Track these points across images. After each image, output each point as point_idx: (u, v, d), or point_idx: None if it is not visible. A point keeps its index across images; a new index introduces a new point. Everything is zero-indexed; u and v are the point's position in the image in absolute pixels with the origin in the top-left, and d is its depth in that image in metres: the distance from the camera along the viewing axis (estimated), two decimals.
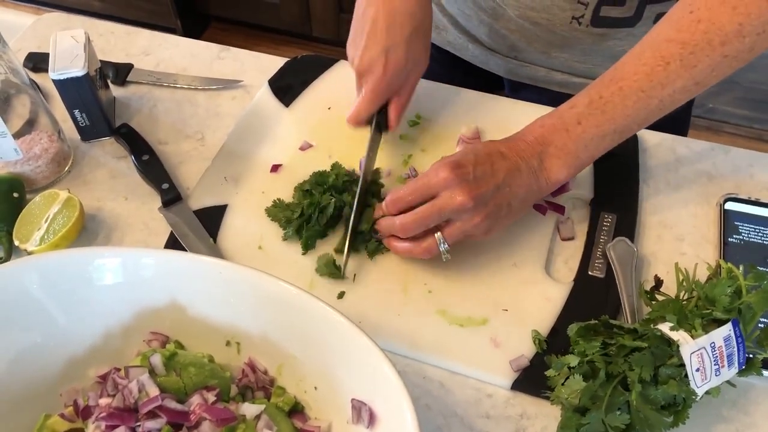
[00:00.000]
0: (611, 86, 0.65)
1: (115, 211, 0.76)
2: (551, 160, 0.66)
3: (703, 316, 0.58)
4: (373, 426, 0.53)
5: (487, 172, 0.64)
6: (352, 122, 0.75)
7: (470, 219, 0.64)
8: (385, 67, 0.71)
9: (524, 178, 0.65)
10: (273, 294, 0.57)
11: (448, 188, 0.63)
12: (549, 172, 0.66)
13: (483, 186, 0.63)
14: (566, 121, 0.66)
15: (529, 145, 0.67)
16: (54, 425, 0.55)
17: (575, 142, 0.66)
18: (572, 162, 0.66)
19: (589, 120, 0.65)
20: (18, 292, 0.55)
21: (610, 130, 0.65)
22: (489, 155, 0.65)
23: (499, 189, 0.64)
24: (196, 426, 0.53)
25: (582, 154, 0.66)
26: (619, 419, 0.54)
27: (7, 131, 0.72)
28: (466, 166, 0.64)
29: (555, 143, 0.66)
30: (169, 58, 0.92)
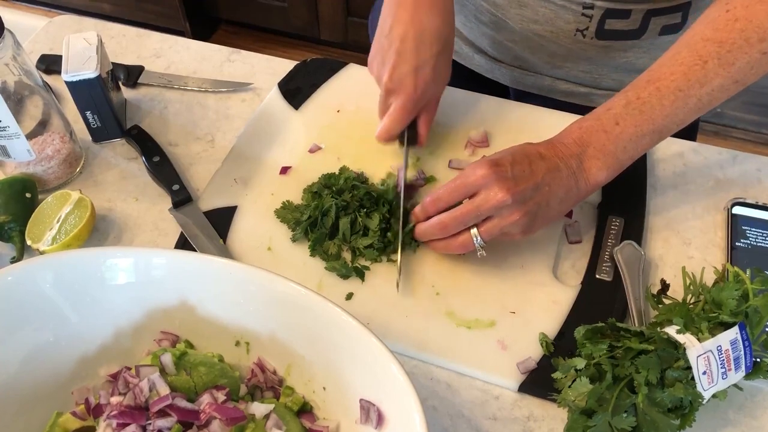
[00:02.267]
0: (648, 87, 0.65)
1: (126, 212, 0.77)
2: (591, 162, 0.66)
3: (709, 320, 0.58)
4: (382, 426, 0.53)
5: (525, 171, 0.64)
6: (383, 139, 0.76)
7: (509, 216, 0.64)
8: (415, 85, 0.72)
9: (564, 178, 0.66)
10: (282, 294, 0.58)
11: (487, 186, 0.64)
12: (588, 173, 0.66)
13: (522, 183, 0.64)
14: (604, 122, 0.66)
15: (567, 147, 0.67)
16: (65, 423, 0.56)
17: (614, 142, 0.66)
18: (611, 163, 0.66)
19: (627, 120, 0.65)
20: (31, 291, 0.56)
21: (649, 130, 0.65)
22: (527, 155, 0.66)
23: (539, 188, 0.64)
24: (206, 425, 0.54)
25: (621, 155, 0.66)
26: (626, 422, 0.54)
27: (21, 132, 0.73)
28: (504, 164, 0.64)
29: (594, 144, 0.66)
30: (179, 60, 0.93)
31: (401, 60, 0.72)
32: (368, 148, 0.79)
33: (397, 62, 0.72)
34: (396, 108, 0.74)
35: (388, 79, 0.73)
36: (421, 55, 0.72)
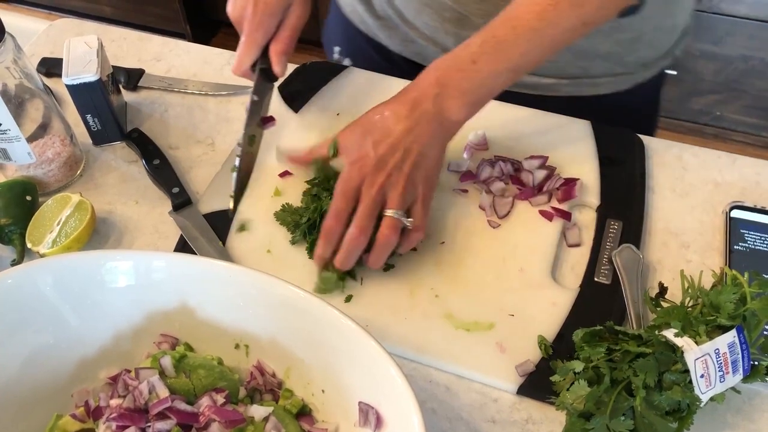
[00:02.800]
0: (505, 26, 0.68)
1: (126, 215, 0.77)
2: (450, 101, 0.67)
3: (707, 323, 0.58)
4: (380, 429, 0.53)
5: (388, 145, 0.66)
6: (237, 72, 0.76)
7: (396, 187, 0.66)
8: (254, 9, 0.72)
9: (425, 128, 0.67)
10: (282, 297, 0.58)
11: (364, 182, 0.66)
12: (449, 112, 0.68)
13: (390, 160, 0.66)
14: (461, 61, 0.68)
15: (423, 92, 0.68)
16: (65, 425, 0.56)
17: (470, 80, 0.68)
18: (469, 100, 0.68)
19: (484, 59, 0.67)
20: (32, 293, 0.56)
21: (504, 68, 0.68)
22: (384, 128, 0.67)
23: (407, 151, 0.66)
24: (206, 427, 0.54)
25: (478, 92, 0.68)
26: (624, 425, 0.55)
27: (21, 135, 0.73)
28: (365, 155, 0.67)
29: (451, 84, 0.67)
30: (180, 64, 0.93)
31: None
32: None
33: None
34: (242, 39, 0.74)
35: (231, 9, 0.74)
36: None
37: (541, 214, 0.74)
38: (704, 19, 1.87)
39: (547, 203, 0.75)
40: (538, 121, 0.83)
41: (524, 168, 0.77)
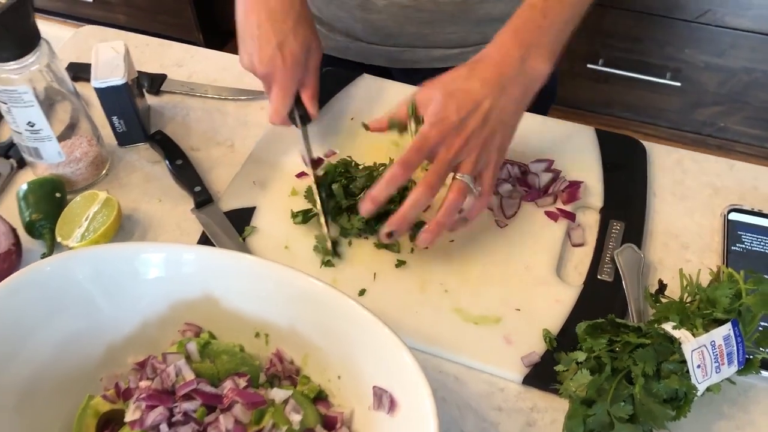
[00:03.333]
0: None
1: (150, 212, 0.81)
2: (535, 60, 0.70)
3: (704, 317, 0.61)
4: (394, 412, 0.56)
5: (469, 109, 0.68)
6: (275, 121, 0.79)
7: (471, 153, 0.68)
8: (284, 60, 0.76)
9: (509, 92, 0.69)
10: (300, 289, 0.61)
11: (443, 143, 0.68)
12: (536, 70, 0.70)
13: (470, 124, 0.68)
14: (534, 18, 0.71)
15: (507, 55, 0.70)
16: (97, 405, 0.59)
17: (547, 34, 0.71)
18: (550, 54, 0.71)
19: (552, 11, 0.71)
20: (69, 281, 0.60)
21: (569, 15, 0.72)
22: (467, 91, 0.69)
23: (488, 116, 0.68)
24: (229, 408, 0.57)
25: (555, 42, 0.72)
26: (623, 410, 0.58)
27: (53, 135, 0.77)
28: (448, 116, 0.68)
29: (534, 43, 0.70)
30: (200, 69, 0.97)
31: (263, 43, 0.76)
32: (379, 153, 0.83)
33: (261, 45, 0.76)
34: (275, 90, 0.77)
35: (260, 64, 0.77)
36: (280, 31, 0.76)
37: (547, 215, 0.78)
38: (708, 31, 1.91)
39: (553, 204, 0.78)
40: (545, 127, 0.87)
41: (531, 171, 0.80)
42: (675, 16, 1.90)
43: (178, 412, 0.56)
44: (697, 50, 1.96)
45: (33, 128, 0.75)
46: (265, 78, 0.78)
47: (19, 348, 0.58)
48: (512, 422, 0.64)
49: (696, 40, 1.94)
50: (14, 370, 0.57)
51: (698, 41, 1.94)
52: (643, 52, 1.99)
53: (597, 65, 2.01)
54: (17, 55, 0.70)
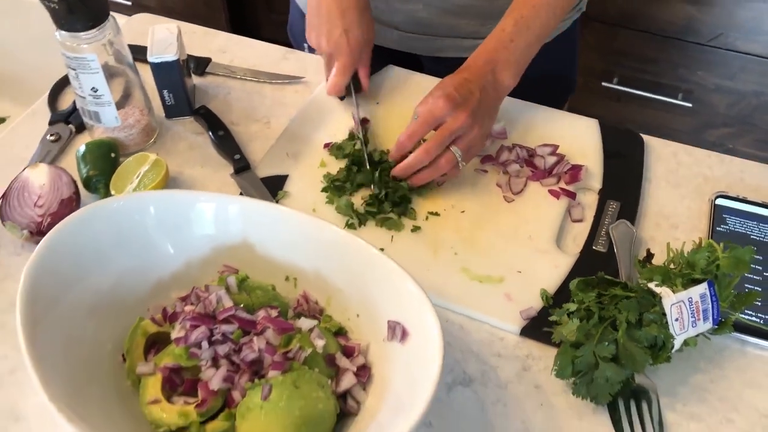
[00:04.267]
0: (526, 6, 0.86)
1: (193, 176, 0.90)
2: (501, 74, 0.85)
3: (683, 276, 0.69)
4: (405, 340, 0.64)
5: (467, 92, 0.82)
6: (333, 92, 0.95)
7: (471, 130, 0.82)
8: (349, 44, 0.91)
9: (488, 92, 0.84)
10: (326, 237, 0.70)
11: (450, 113, 0.81)
12: (501, 82, 0.86)
13: (470, 104, 0.82)
14: (503, 42, 0.86)
15: (481, 68, 0.85)
16: (146, 326, 0.68)
17: (514, 54, 0.86)
18: (515, 70, 0.86)
19: (519, 36, 0.86)
20: (133, 218, 0.69)
21: (534, 40, 0.87)
22: (461, 82, 0.83)
23: (480, 104, 0.82)
24: (261, 332, 0.65)
25: (520, 62, 0.87)
26: (607, 350, 0.65)
27: (112, 101, 0.86)
28: (452, 93, 0.81)
29: (500, 60, 0.85)
30: (242, 56, 1.07)
31: (332, 27, 0.91)
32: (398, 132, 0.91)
33: (329, 30, 0.91)
34: (339, 66, 0.93)
35: (326, 45, 0.92)
36: (347, 20, 0.91)
37: (550, 193, 0.86)
38: (720, 54, 1.99)
39: (556, 184, 0.87)
40: (552, 118, 0.95)
41: (537, 153, 0.89)
42: (688, 39, 1.97)
43: (217, 333, 0.65)
44: (708, 72, 2.03)
45: (96, 93, 0.85)
46: (330, 56, 0.93)
47: (90, 270, 0.67)
48: (509, 366, 0.72)
49: (708, 62, 2.01)
50: (86, 285, 0.66)
51: (710, 64, 2.02)
52: (657, 73, 2.06)
53: (611, 83, 2.09)
54: (89, 27, 0.80)
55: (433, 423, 0.68)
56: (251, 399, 0.61)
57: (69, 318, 0.65)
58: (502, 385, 0.71)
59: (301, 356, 0.64)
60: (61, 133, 0.94)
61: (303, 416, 0.60)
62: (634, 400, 0.68)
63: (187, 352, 0.64)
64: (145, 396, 0.63)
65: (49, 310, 0.63)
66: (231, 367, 0.64)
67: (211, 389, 0.62)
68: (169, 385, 0.64)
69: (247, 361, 0.64)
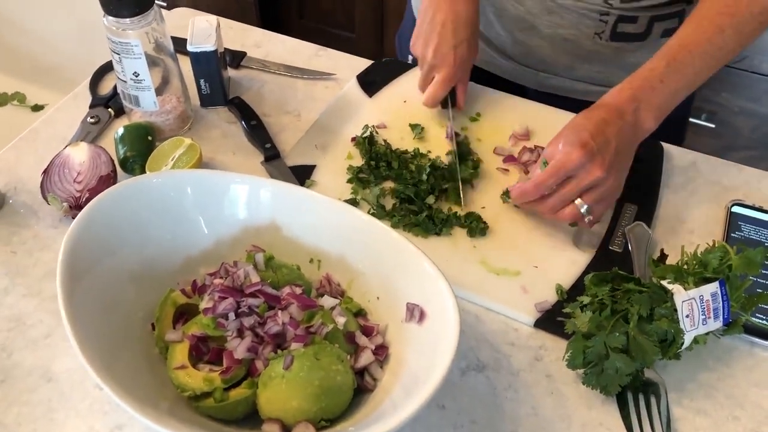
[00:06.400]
0: (682, 51, 0.81)
1: (225, 162, 0.93)
2: (644, 114, 0.80)
3: (695, 275, 0.71)
4: (422, 322, 0.67)
5: (603, 141, 0.77)
6: (430, 104, 0.95)
7: (605, 183, 0.78)
8: (454, 59, 0.92)
9: (627, 134, 0.79)
10: (351, 222, 0.73)
11: (583, 166, 0.76)
12: (643, 123, 0.81)
13: (607, 155, 0.77)
14: (651, 81, 0.81)
15: (623, 105, 0.80)
16: (176, 298, 0.71)
17: (659, 97, 0.81)
18: (658, 114, 0.81)
19: (670, 78, 0.80)
20: (170, 194, 0.72)
21: (684, 85, 0.82)
22: (598, 126, 0.78)
23: (617, 151, 0.78)
24: (286, 307, 0.68)
25: (665, 105, 0.81)
26: (618, 340, 0.67)
27: (152, 86, 0.90)
28: (588, 142, 0.76)
29: (645, 100, 0.80)
30: (276, 51, 1.10)
31: (443, 40, 0.91)
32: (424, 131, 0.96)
33: (439, 42, 0.91)
34: (440, 79, 0.93)
35: (432, 56, 0.92)
36: (458, 36, 0.91)
37: None
38: (745, 77, 2.00)
39: None
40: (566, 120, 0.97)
41: None
42: None
43: (244, 305, 0.68)
44: (733, 94, 2.04)
45: (137, 78, 0.89)
46: (432, 67, 0.93)
47: (126, 241, 0.70)
48: (522, 356, 0.74)
49: (733, 84, 2.03)
50: (122, 255, 0.70)
51: (735, 86, 2.03)
52: None
53: None
54: (134, 14, 0.84)
55: (446, 405, 0.71)
56: (273, 369, 0.64)
57: (104, 284, 0.68)
58: (514, 372, 0.73)
59: (323, 331, 0.67)
60: (100, 116, 0.98)
61: (322, 387, 0.63)
62: (642, 393, 0.70)
63: (215, 322, 0.67)
64: (173, 362, 0.67)
65: (86, 274, 0.66)
66: (255, 339, 0.67)
67: (235, 358, 0.65)
68: (195, 353, 0.67)
69: (271, 334, 0.66)
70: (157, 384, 0.66)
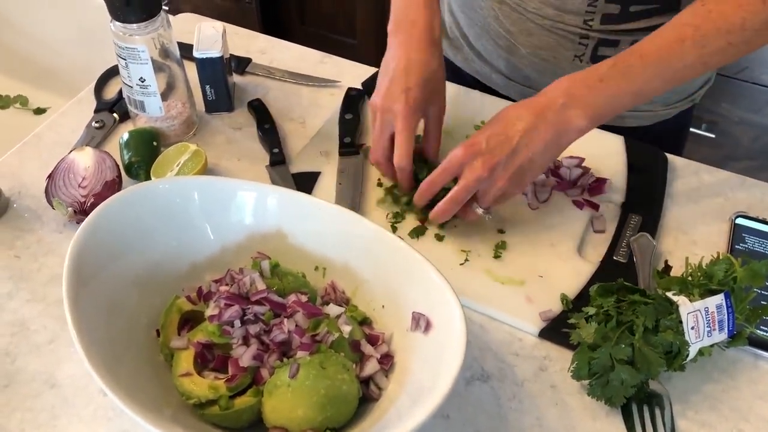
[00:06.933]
0: (633, 55, 0.76)
1: (229, 168, 0.93)
2: (573, 111, 0.75)
3: (700, 286, 0.71)
4: (428, 331, 0.67)
5: (500, 140, 0.75)
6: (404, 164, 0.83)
7: (493, 184, 0.77)
8: (407, 101, 0.82)
9: (542, 133, 0.75)
10: (357, 230, 0.73)
11: (467, 164, 0.76)
12: (570, 122, 0.75)
13: (497, 155, 0.75)
14: (590, 77, 0.76)
15: (550, 99, 0.76)
16: (181, 304, 0.71)
17: (596, 96, 0.75)
18: (592, 114, 0.76)
19: (611, 80, 0.75)
20: (176, 201, 0.72)
21: (629, 91, 0.76)
22: (504, 124, 0.76)
23: (516, 151, 0.75)
24: (291, 315, 0.68)
25: (601, 108, 0.76)
26: (623, 351, 0.67)
27: (158, 92, 0.90)
28: (478, 142, 0.75)
29: (577, 96, 0.75)
30: (281, 58, 1.10)
31: (393, 84, 0.83)
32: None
33: (390, 86, 0.83)
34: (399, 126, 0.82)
35: (383, 100, 0.83)
36: (410, 79, 0.82)
37: (574, 203, 0.88)
38: (746, 88, 2.01)
39: (580, 195, 0.89)
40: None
41: (563, 165, 0.91)
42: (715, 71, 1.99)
43: (249, 313, 0.68)
44: (734, 105, 2.05)
45: (143, 83, 0.89)
46: (383, 111, 0.84)
47: (132, 246, 0.70)
48: (527, 366, 0.74)
49: (733, 95, 2.03)
50: (128, 261, 0.70)
51: (735, 96, 2.04)
52: None
53: None
54: (142, 19, 0.84)
55: (450, 415, 0.71)
56: (279, 377, 0.64)
57: (110, 290, 0.68)
58: (518, 382, 0.73)
59: (329, 340, 0.66)
60: (105, 120, 0.98)
61: (327, 396, 0.63)
62: (647, 405, 0.70)
63: (220, 329, 0.67)
64: (178, 369, 0.66)
65: (92, 280, 0.66)
66: (261, 347, 0.67)
67: (241, 366, 0.65)
68: (200, 360, 0.67)
69: (277, 342, 0.66)
70: (161, 391, 0.66)
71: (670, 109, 1.05)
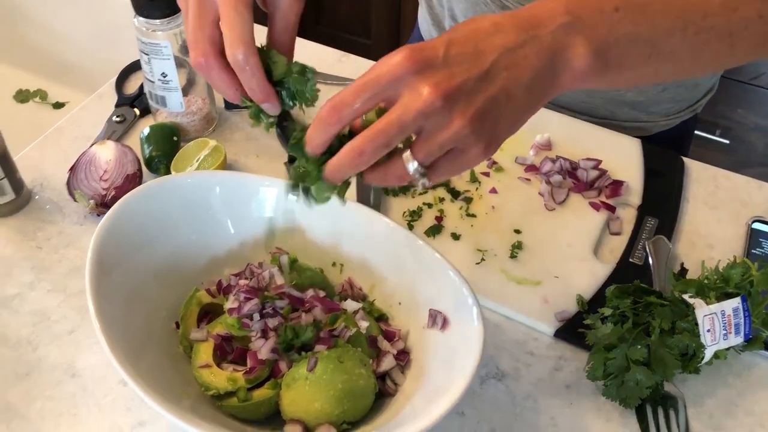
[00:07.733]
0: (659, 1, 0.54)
1: (248, 164, 0.94)
2: (578, 39, 0.50)
3: (717, 289, 0.71)
4: (445, 329, 0.67)
5: (466, 53, 0.47)
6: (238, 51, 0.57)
7: (445, 124, 0.47)
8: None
9: (530, 58, 0.49)
10: (375, 227, 0.73)
11: (407, 82, 0.46)
12: (571, 53, 0.50)
13: (459, 74, 0.47)
14: (603, 2, 0.52)
15: (548, 14, 0.50)
16: (201, 297, 0.72)
17: (608, 28, 0.51)
18: (600, 53, 0.51)
19: (628, 13, 0.52)
20: (201, 194, 0.73)
21: (644, 35, 0.53)
22: (473, 31, 0.49)
23: (489, 76, 0.47)
24: (310, 310, 0.69)
25: (612, 46, 0.52)
26: (639, 352, 0.68)
27: (179, 87, 0.91)
28: (434, 47, 0.47)
29: (584, 19, 0.50)
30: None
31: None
32: None
33: None
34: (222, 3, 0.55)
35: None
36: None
37: (591, 205, 0.88)
38: (761, 94, 2.00)
39: (597, 197, 0.89)
40: (596, 134, 0.98)
41: (580, 167, 0.92)
42: (730, 77, 1.99)
43: (268, 306, 0.68)
44: (748, 111, 2.05)
45: (165, 78, 0.89)
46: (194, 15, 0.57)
47: (153, 238, 0.71)
48: (541, 365, 0.75)
49: (748, 101, 2.03)
50: (149, 252, 0.71)
51: (750, 102, 2.03)
52: None
53: None
54: (165, 15, 0.85)
55: (465, 412, 0.71)
56: (297, 370, 0.64)
57: (131, 281, 0.69)
58: (533, 382, 0.73)
59: (346, 335, 0.67)
60: (126, 115, 0.99)
61: (345, 390, 0.63)
62: (661, 406, 0.71)
63: (239, 322, 0.67)
64: (197, 360, 0.67)
65: (114, 271, 0.67)
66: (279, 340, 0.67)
67: (259, 358, 0.66)
68: (219, 352, 0.68)
69: None
70: (179, 382, 0.67)
71: (671, 119, 1.05)
